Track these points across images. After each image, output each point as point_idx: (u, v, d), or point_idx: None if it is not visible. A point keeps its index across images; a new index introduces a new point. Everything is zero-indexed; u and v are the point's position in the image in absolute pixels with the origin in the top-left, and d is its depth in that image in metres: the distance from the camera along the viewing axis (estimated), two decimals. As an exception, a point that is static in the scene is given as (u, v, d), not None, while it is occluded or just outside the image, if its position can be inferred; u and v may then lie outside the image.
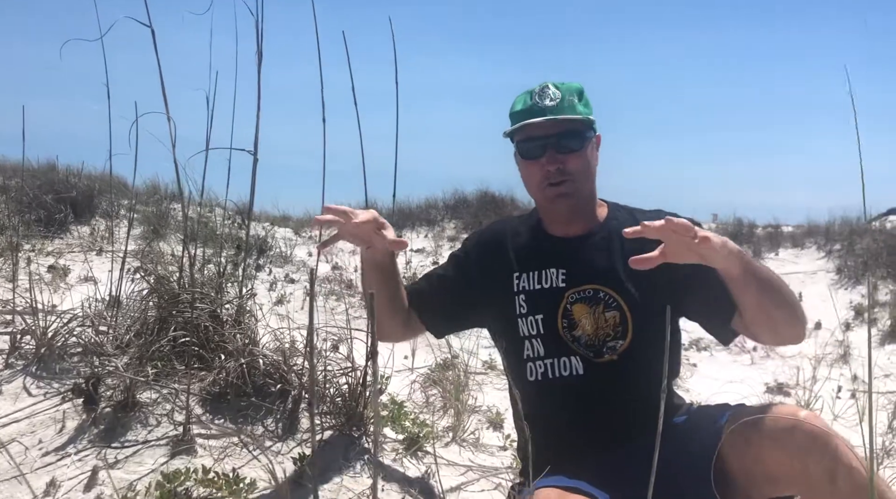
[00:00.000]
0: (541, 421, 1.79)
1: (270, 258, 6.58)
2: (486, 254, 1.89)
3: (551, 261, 1.81)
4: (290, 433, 1.90)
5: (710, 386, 3.89)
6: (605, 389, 1.73)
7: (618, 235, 1.78)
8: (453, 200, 10.46)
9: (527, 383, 1.78)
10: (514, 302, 1.80)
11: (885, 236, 7.99)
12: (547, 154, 1.74)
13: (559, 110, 1.73)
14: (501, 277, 1.84)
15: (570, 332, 1.75)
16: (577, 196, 1.78)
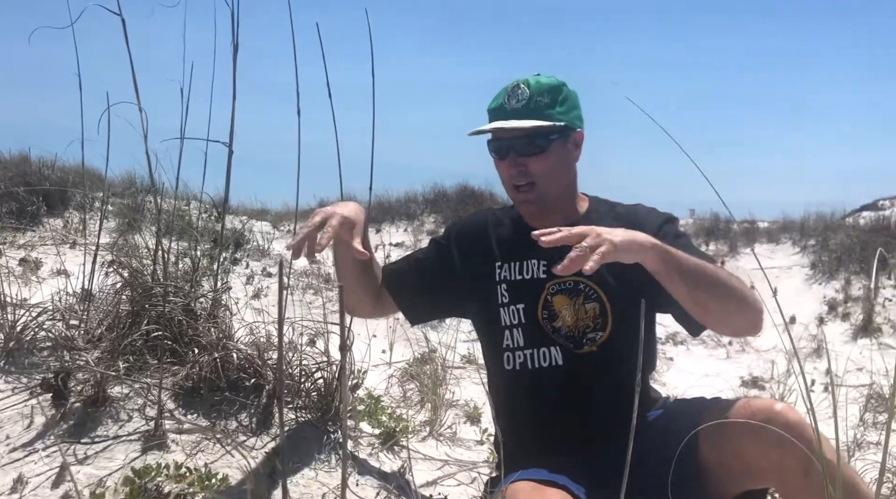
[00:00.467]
0: (518, 411, 1.81)
1: (248, 252, 6.53)
2: (468, 242, 1.90)
3: (532, 252, 1.79)
4: (265, 428, 1.88)
5: (687, 379, 3.93)
6: (584, 380, 1.74)
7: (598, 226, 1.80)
8: (433, 194, 10.45)
9: (505, 371, 1.80)
10: (497, 291, 1.81)
11: (858, 232, 8.11)
12: (509, 157, 1.77)
13: (522, 114, 1.74)
14: (483, 266, 1.85)
15: (550, 323, 1.76)
16: (541, 201, 1.80)
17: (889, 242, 7.64)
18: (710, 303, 1.59)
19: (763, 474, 1.54)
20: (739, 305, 1.61)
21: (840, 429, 1.31)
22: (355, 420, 2.30)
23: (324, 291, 5.40)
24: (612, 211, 1.86)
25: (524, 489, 1.57)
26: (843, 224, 8.96)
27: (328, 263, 6.94)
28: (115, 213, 6.18)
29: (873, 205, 19.21)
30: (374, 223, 9.45)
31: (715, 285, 1.57)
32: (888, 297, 6.10)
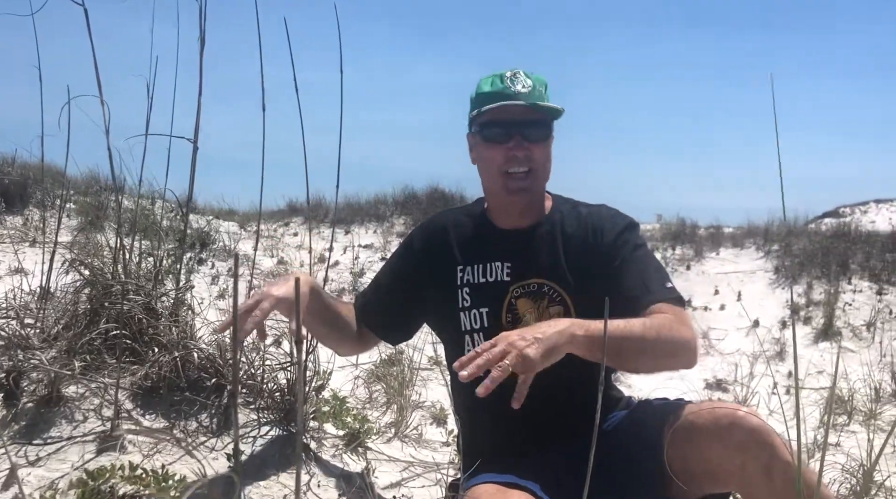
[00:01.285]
0: (481, 416, 1.77)
1: (214, 252, 6.44)
2: (429, 247, 1.86)
3: (496, 254, 1.79)
4: (225, 429, 1.85)
5: (651, 381, 3.95)
6: (548, 385, 1.71)
7: (561, 228, 1.80)
8: (403, 196, 10.41)
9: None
10: (458, 295, 1.78)
11: (820, 238, 8.26)
12: (514, 139, 1.70)
13: (533, 98, 1.69)
14: (445, 271, 1.81)
15: (514, 326, 1.72)
16: (535, 191, 1.77)
17: (850, 247, 7.82)
18: (638, 365, 1.67)
19: (726, 477, 1.54)
20: (668, 357, 1.64)
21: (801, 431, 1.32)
22: (319, 422, 2.27)
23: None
24: (574, 210, 1.84)
25: (487, 492, 1.56)
26: (806, 230, 9.13)
27: (296, 263, 6.88)
28: (78, 211, 6.06)
29: (835, 212, 19.62)
30: (344, 224, 9.39)
31: (641, 350, 1.57)
32: (848, 301, 6.23)
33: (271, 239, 8.12)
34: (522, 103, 1.68)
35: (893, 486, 2.47)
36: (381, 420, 2.76)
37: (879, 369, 4.63)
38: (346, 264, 7.37)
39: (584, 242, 1.77)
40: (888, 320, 5.80)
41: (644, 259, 1.78)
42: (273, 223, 9.15)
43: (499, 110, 1.69)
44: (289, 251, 7.48)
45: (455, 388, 1.89)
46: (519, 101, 1.68)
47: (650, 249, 1.86)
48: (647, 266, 1.77)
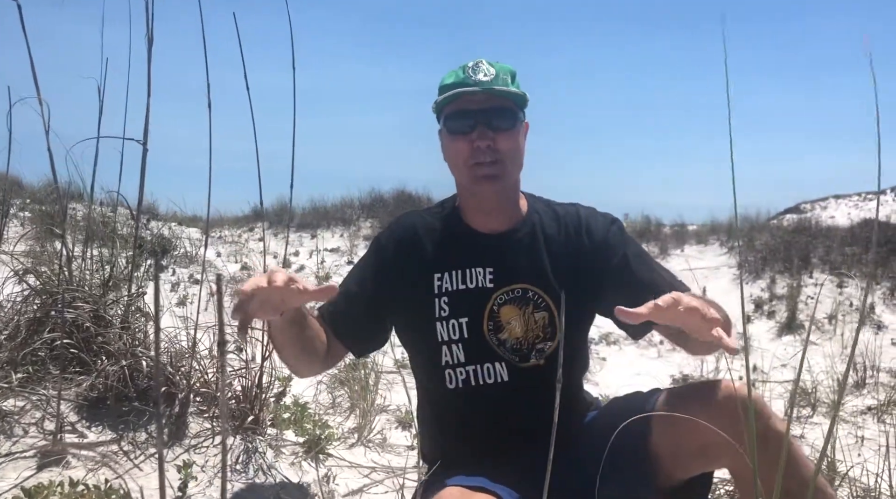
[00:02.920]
0: (458, 426, 1.71)
1: (175, 259, 6.31)
2: (402, 253, 1.72)
3: (476, 259, 1.68)
4: (177, 439, 1.78)
5: (619, 378, 3.95)
6: (530, 395, 1.65)
7: (541, 230, 1.73)
8: (369, 199, 10.36)
9: (446, 391, 1.67)
10: (434, 304, 1.66)
11: (782, 233, 8.39)
12: (477, 129, 1.61)
13: (494, 84, 1.62)
14: (420, 278, 1.69)
15: (495, 335, 1.65)
16: (504, 180, 1.66)
17: (811, 242, 7.94)
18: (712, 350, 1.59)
19: (717, 452, 1.50)
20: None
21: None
22: (279, 429, 2.21)
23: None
24: (550, 210, 1.77)
25: (453, 495, 1.52)
26: (769, 226, 9.27)
27: (258, 270, 6.77)
28: (32, 219, 5.89)
29: (796, 208, 20.02)
30: (310, 228, 9.30)
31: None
32: (810, 295, 6.32)
33: (235, 244, 8.00)
34: (478, 89, 1.60)
35: (855, 476, 2.48)
36: (344, 426, 2.70)
37: (842, 361, 4.69)
38: (312, 268, 7.28)
39: (568, 244, 1.72)
40: (849, 312, 5.89)
41: (644, 254, 1.76)
42: (238, 229, 9.02)
43: (460, 101, 1.62)
44: (253, 256, 7.36)
45: (428, 401, 1.78)
46: (477, 88, 1.60)
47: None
48: (651, 260, 1.75)
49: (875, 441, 3.17)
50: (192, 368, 1.95)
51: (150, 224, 7.26)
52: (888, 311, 6.06)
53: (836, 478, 2.49)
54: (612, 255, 1.69)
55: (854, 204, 40.02)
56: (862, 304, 6.02)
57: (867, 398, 3.93)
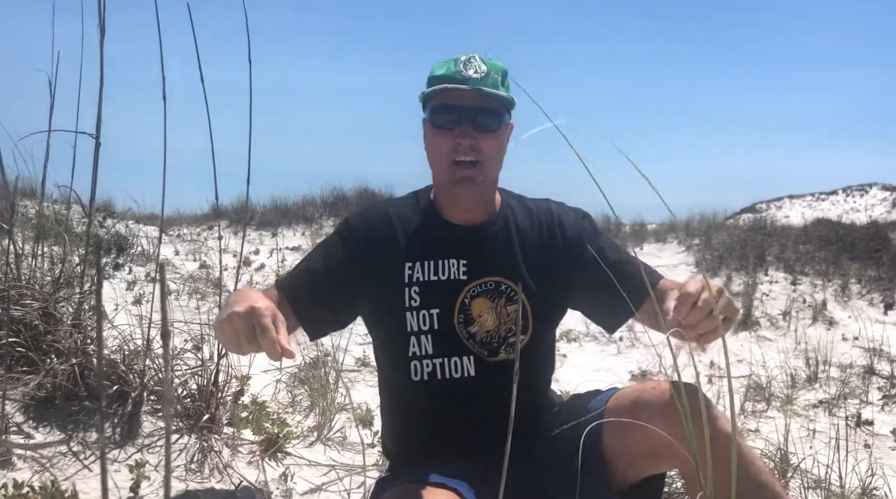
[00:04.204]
0: (422, 420, 1.70)
1: (131, 257, 6.19)
2: (373, 238, 1.68)
3: (451, 251, 1.66)
4: (130, 439, 1.74)
5: (579, 375, 3.97)
6: (496, 390, 1.61)
7: (515, 224, 1.73)
8: (332, 197, 10.28)
9: (411, 382, 1.65)
10: (404, 294, 1.63)
11: (738, 232, 8.55)
12: (462, 126, 1.59)
13: (483, 84, 1.59)
14: (391, 266, 1.65)
15: (465, 328, 1.63)
16: (482, 181, 1.64)
17: (766, 240, 8.12)
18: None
19: (668, 454, 1.51)
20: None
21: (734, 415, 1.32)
22: (236, 428, 2.18)
23: (212, 296, 5.17)
24: (522, 205, 1.77)
25: (411, 491, 1.51)
26: (725, 225, 9.45)
27: (218, 268, 6.67)
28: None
29: (752, 208, 20.45)
30: (271, 227, 9.19)
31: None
32: (765, 292, 6.45)
33: (194, 243, 7.87)
34: (467, 88, 1.58)
35: (808, 468, 2.54)
36: (304, 424, 2.68)
37: (795, 356, 4.79)
38: (273, 267, 7.20)
39: (541, 238, 1.72)
40: (802, 309, 6.02)
41: (617, 245, 1.77)
42: (197, 227, 8.88)
43: (447, 95, 1.60)
44: (212, 255, 7.25)
45: (392, 393, 1.76)
46: (469, 85, 1.58)
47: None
48: (625, 252, 1.77)
49: (826, 434, 3.24)
50: (146, 366, 1.91)
51: (105, 222, 7.10)
52: (839, 307, 6.21)
53: (788, 470, 2.55)
54: (585, 250, 1.69)
55: (808, 204, 41.03)
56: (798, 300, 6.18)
57: (819, 392, 4.02)
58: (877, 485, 2.46)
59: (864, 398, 3.88)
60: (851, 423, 3.36)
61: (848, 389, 4.01)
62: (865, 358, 4.64)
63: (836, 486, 2.37)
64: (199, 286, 5.49)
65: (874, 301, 6.43)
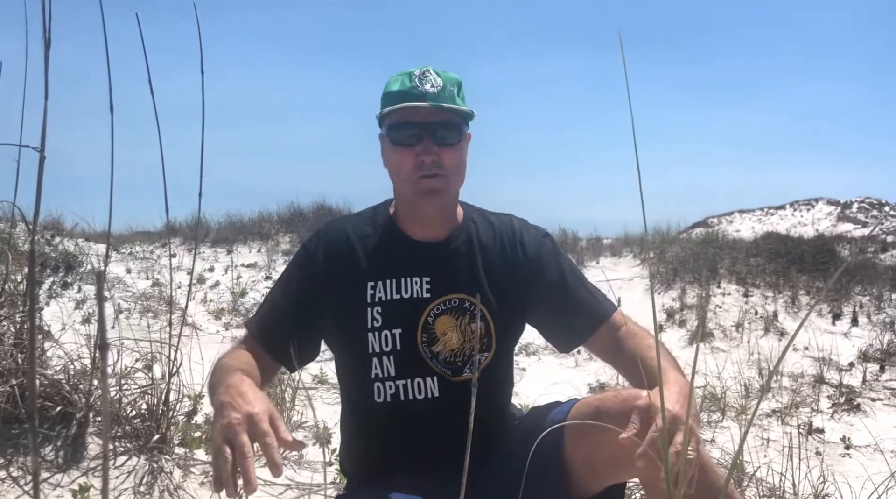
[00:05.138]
0: (385, 441, 1.66)
1: (80, 275, 6.02)
2: (331, 259, 1.64)
3: (413, 268, 1.63)
4: (74, 462, 1.67)
5: (538, 388, 3.98)
6: (461, 410, 1.60)
7: (477, 239, 1.70)
8: (288, 213, 10.15)
9: (374, 404, 1.61)
10: (366, 314, 1.59)
11: (691, 245, 8.71)
12: (423, 143, 1.57)
13: (441, 98, 1.57)
14: (351, 286, 1.61)
15: (429, 347, 1.60)
16: (447, 194, 1.63)
17: (718, 253, 8.28)
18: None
19: (628, 461, 1.52)
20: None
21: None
22: (188, 448, 2.12)
23: (164, 315, 5.05)
24: (484, 220, 1.75)
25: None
26: (679, 238, 9.62)
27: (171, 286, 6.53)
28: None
29: (704, 222, 20.88)
30: (226, 244, 9.04)
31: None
32: (719, 304, 6.57)
33: (147, 261, 7.70)
34: (426, 104, 1.56)
35: (763, 476, 2.57)
36: (259, 443, 2.62)
37: (748, 367, 4.88)
38: (228, 284, 7.07)
39: (503, 255, 1.70)
40: (754, 320, 6.15)
41: (577, 271, 1.76)
42: (150, 244, 8.69)
43: (405, 111, 1.57)
44: (165, 273, 7.10)
45: (356, 414, 1.71)
46: (427, 101, 1.56)
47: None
48: (583, 278, 1.75)
49: (779, 442, 3.30)
50: (93, 386, 1.84)
51: (53, 239, 6.90)
52: (790, 318, 6.36)
53: (743, 478, 2.58)
54: (546, 270, 1.69)
55: (757, 218, 42.13)
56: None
57: (772, 402, 4.10)
58: (828, 491, 2.51)
59: (814, 407, 3.97)
60: (803, 431, 3.43)
61: (799, 398, 4.10)
62: (815, 367, 4.75)
63: (790, 494, 2.41)
64: (152, 304, 5.37)
65: (822, 312, 6.59)
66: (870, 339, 5.54)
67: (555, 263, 1.70)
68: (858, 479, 2.71)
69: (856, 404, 3.96)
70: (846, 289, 7.14)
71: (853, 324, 6.26)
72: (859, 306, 6.66)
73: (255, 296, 6.64)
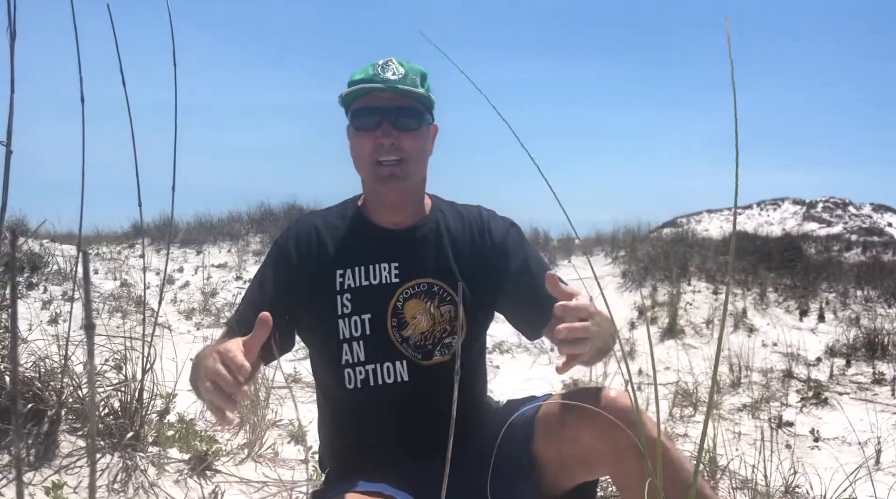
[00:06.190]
0: (357, 428, 1.67)
1: (46, 276, 5.90)
2: (302, 251, 1.68)
3: (381, 255, 1.66)
4: (46, 460, 1.64)
5: (512, 385, 3.99)
6: (430, 395, 1.62)
7: (446, 227, 1.73)
8: (259, 213, 10.07)
9: (345, 391, 1.62)
10: (336, 302, 1.62)
11: (662, 244, 8.81)
12: (382, 127, 1.60)
13: (401, 84, 1.60)
14: (321, 275, 1.64)
15: (399, 332, 1.62)
16: (407, 179, 1.65)
17: (688, 251, 8.39)
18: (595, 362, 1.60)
19: (599, 460, 1.52)
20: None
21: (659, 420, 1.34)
22: (162, 446, 2.09)
23: (133, 315, 4.98)
24: (454, 211, 1.78)
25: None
26: (649, 237, 9.72)
27: (139, 287, 6.44)
28: None
29: (673, 222, 21.16)
30: (195, 244, 8.93)
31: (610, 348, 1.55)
32: (689, 301, 6.65)
33: (115, 261, 7.58)
34: (382, 87, 1.59)
35: (735, 469, 2.61)
36: (234, 442, 2.59)
37: (721, 362, 4.96)
38: (198, 285, 6.99)
39: (472, 242, 1.72)
40: (724, 317, 6.25)
41: (542, 260, 1.77)
42: (117, 245, 8.55)
43: (367, 98, 1.61)
44: (133, 273, 7.00)
45: (329, 402, 1.73)
46: (382, 85, 1.59)
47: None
48: (547, 267, 1.77)
49: (751, 436, 3.36)
50: (64, 383, 1.81)
51: (18, 240, 6.76)
52: (759, 315, 6.46)
53: (716, 471, 2.61)
54: (511, 258, 1.71)
55: (725, 218, 42.74)
56: (724, 308, 6.41)
57: (742, 396, 4.16)
58: (799, 483, 2.56)
59: (784, 401, 4.04)
60: (773, 425, 3.49)
61: (769, 392, 4.17)
62: (784, 363, 4.83)
63: (761, 485, 2.45)
64: (122, 304, 5.29)
65: (790, 308, 6.71)
66: (836, 334, 5.66)
67: (520, 251, 1.73)
68: (828, 471, 2.77)
69: (823, 398, 4.03)
70: (813, 286, 7.28)
71: (820, 320, 6.38)
72: (825, 303, 6.79)
73: (226, 296, 6.57)
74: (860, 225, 51.87)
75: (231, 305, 6.05)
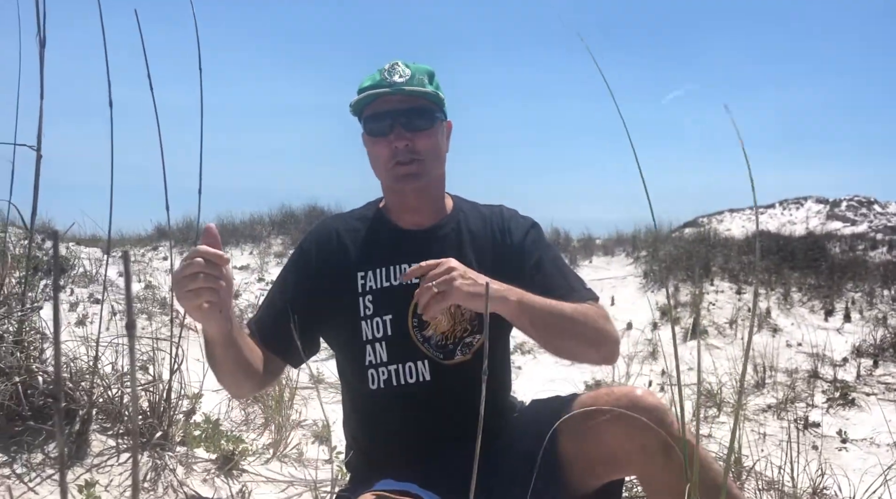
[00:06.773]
0: (381, 428, 1.68)
1: (73, 278, 5.99)
2: (325, 255, 1.70)
3: (401, 256, 1.67)
4: (78, 458, 1.67)
5: (534, 386, 3.99)
6: (453, 394, 1.62)
7: (466, 226, 1.74)
8: (280, 215, 10.14)
9: (369, 391, 1.64)
10: (359, 303, 1.64)
11: (684, 244, 8.74)
12: (395, 131, 1.62)
13: (408, 85, 1.62)
14: (343, 278, 1.66)
15: (420, 332, 1.63)
16: (425, 177, 1.67)
17: (710, 251, 8.32)
18: (562, 344, 1.61)
19: (626, 459, 1.52)
20: (592, 345, 1.61)
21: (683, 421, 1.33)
22: (189, 446, 2.11)
23: (158, 316, 5.03)
24: (475, 210, 1.79)
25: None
26: (671, 237, 9.65)
27: (164, 288, 6.51)
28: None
29: (694, 222, 20.99)
30: (217, 246, 9.00)
31: (567, 330, 1.57)
32: (712, 301, 6.60)
33: (139, 263, 7.67)
34: (390, 91, 1.61)
35: (761, 470, 2.59)
36: (259, 441, 2.61)
37: (743, 363, 4.91)
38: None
39: (493, 241, 1.73)
40: (747, 317, 6.17)
41: (558, 260, 1.78)
42: (141, 248, 8.66)
43: (377, 103, 1.64)
44: (157, 275, 7.08)
45: (353, 403, 1.74)
46: (389, 89, 1.61)
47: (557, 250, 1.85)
48: (563, 266, 1.77)
49: (776, 437, 3.33)
50: (94, 383, 1.83)
51: (45, 243, 6.87)
52: (783, 315, 6.39)
53: (742, 472, 2.59)
54: (529, 257, 1.71)
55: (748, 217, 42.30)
56: (753, 308, 6.35)
57: (767, 397, 4.12)
58: (827, 484, 2.53)
59: (809, 402, 3.99)
60: (799, 425, 3.46)
61: (794, 393, 4.12)
62: (809, 363, 4.78)
63: (788, 486, 2.42)
64: (147, 306, 5.35)
65: (815, 308, 6.63)
66: (862, 334, 5.58)
67: (536, 250, 1.73)
68: (856, 472, 2.74)
69: (850, 399, 3.98)
70: (838, 285, 7.19)
71: (846, 320, 6.30)
72: (851, 302, 6.70)
73: (249, 298, 6.62)
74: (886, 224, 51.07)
75: (253, 306, 6.09)
